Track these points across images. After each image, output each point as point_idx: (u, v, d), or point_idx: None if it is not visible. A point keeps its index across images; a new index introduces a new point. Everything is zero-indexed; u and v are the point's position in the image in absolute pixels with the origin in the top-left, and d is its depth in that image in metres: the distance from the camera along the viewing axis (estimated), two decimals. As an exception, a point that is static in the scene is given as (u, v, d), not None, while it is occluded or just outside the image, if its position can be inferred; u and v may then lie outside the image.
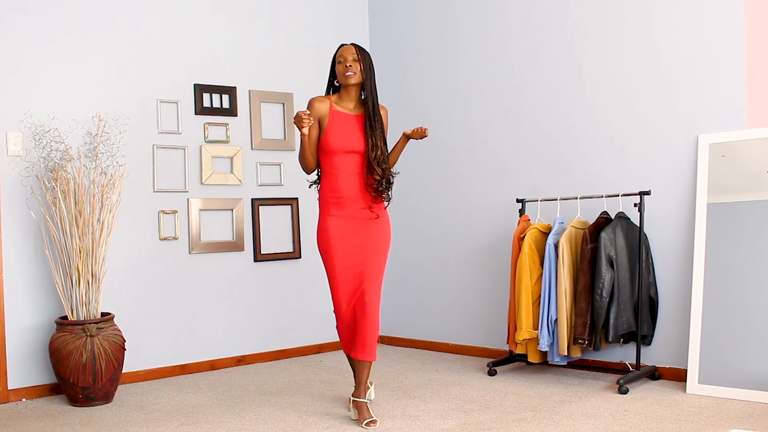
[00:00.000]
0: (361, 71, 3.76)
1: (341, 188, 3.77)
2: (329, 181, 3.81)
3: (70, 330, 4.14)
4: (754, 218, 4.02)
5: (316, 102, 3.79)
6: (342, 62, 3.77)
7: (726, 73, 4.15)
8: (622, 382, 4.06)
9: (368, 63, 3.79)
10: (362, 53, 3.79)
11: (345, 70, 3.76)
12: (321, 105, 3.79)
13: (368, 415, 3.69)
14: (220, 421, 3.79)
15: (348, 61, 3.75)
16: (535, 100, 4.99)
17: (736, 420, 3.51)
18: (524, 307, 4.43)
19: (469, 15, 5.36)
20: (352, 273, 3.78)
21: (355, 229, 3.79)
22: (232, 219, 5.20)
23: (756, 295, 3.94)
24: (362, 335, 3.74)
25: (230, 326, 5.20)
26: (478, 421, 3.64)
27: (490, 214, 5.23)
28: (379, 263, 3.82)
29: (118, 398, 4.33)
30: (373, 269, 3.80)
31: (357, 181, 3.79)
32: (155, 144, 4.85)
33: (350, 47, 3.80)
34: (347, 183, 3.77)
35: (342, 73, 3.77)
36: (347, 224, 3.79)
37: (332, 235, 3.78)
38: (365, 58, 3.79)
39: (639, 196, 4.27)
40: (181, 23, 5.01)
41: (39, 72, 4.46)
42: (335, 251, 3.78)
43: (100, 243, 4.30)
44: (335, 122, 3.77)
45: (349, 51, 3.79)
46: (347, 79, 3.75)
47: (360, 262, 3.78)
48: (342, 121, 3.78)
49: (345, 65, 3.76)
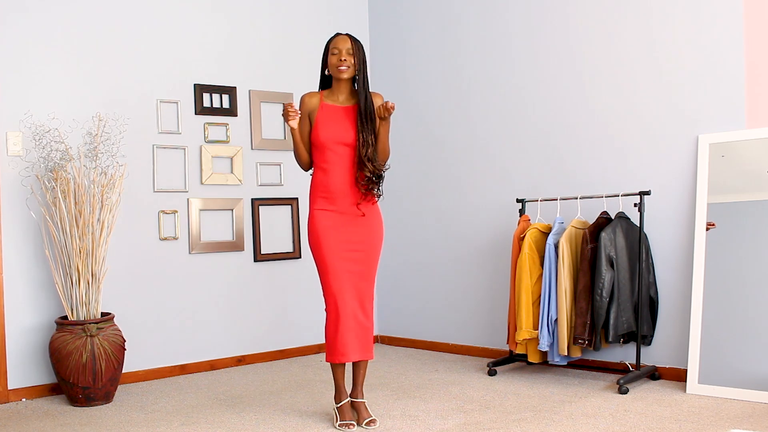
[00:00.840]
0: (354, 65, 3.74)
1: (331, 182, 3.70)
2: (319, 174, 3.74)
3: (70, 330, 4.14)
4: (754, 218, 4.02)
5: (306, 97, 3.78)
6: (336, 54, 3.71)
7: (726, 73, 4.15)
8: (622, 382, 4.07)
9: (362, 56, 3.74)
10: (356, 45, 3.72)
11: (339, 63, 3.70)
12: (311, 100, 3.77)
13: (367, 414, 3.69)
14: (220, 421, 3.79)
15: (342, 54, 3.70)
16: (535, 100, 4.99)
17: (736, 420, 3.51)
18: (524, 307, 4.43)
19: (469, 15, 5.36)
20: (346, 268, 3.69)
21: (345, 225, 3.71)
22: (232, 219, 5.20)
23: (756, 294, 3.95)
24: (360, 335, 3.70)
25: (230, 326, 5.20)
26: (478, 421, 3.64)
27: (490, 213, 5.24)
28: (373, 261, 3.78)
29: (118, 398, 4.33)
30: (368, 268, 3.76)
31: (347, 176, 3.71)
32: (155, 144, 4.85)
33: (345, 38, 3.73)
34: (337, 177, 3.70)
35: (335, 65, 3.71)
36: (338, 219, 3.71)
37: (321, 228, 3.70)
38: (359, 50, 3.73)
39: (639, 196, 4.28)
40: (181, 23, 5.01)
41: (39, 72, 4.46)
42: (325, 245, 3.68)
43: (100, 243, 4.30)
44: (324, 115, 3.73)
45: (343, 43, 3.71)
46: (340, 73, 3.71)
47: (355, 260, 3.71)
48: (331, 114, 3.73)
49: (339, 58, 3.70)
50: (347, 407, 3.72)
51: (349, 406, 3.73)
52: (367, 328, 3.71)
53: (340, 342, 3.65)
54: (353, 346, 3.66)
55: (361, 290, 3.71)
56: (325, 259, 3.68)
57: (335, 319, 3.66)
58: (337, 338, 3.66)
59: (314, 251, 3.73)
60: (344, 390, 3.75)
